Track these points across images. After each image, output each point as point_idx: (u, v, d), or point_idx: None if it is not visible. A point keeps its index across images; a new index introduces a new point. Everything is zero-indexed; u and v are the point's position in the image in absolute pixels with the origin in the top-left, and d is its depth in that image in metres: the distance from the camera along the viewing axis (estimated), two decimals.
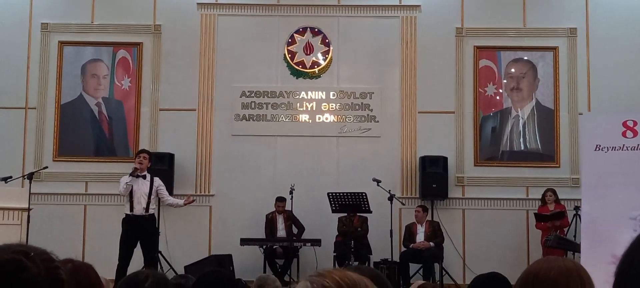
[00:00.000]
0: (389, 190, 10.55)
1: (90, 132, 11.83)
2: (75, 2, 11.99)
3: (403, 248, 11.00)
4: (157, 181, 9.75)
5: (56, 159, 11.66)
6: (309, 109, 11.83)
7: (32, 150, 11.71)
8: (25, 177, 9.88)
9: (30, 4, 11.89)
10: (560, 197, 10.99)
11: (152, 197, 9.62)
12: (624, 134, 7.86)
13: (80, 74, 11.85)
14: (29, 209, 9.21)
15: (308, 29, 11.96)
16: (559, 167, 11.65)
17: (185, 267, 10.56)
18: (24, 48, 11.85)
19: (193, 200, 10.15)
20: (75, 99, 11.83)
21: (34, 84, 11.80)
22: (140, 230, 9.53)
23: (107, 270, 9.28)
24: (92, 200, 11.63)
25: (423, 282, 5.73)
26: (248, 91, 11.81)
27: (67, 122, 11.77)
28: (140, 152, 9.96)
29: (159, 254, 10.89)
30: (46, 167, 11.00)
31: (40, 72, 11.80)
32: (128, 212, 9.55)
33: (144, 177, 9.64)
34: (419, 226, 10.95)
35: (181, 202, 10.00)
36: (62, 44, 11.86)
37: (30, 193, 9.46)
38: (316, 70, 11.90)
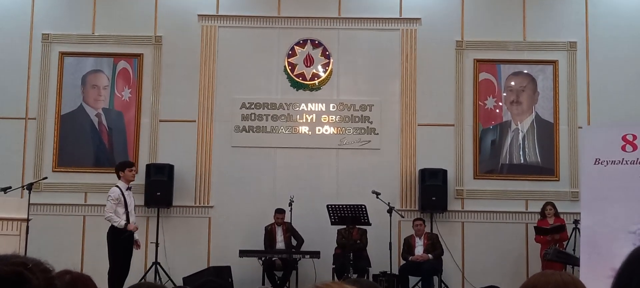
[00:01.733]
0: (389, 203, 10.55)
1: (90, 142, 11.83)
2: (77, 13, 12.01)
3: (402, 261, 10.99)
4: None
5: (56, 170, 11.65)
6: (309, 120, 11.83)
7: (31, 161, 11.70)
8: (25, 187, 9.87)
9: (32, 15, 11.92)
10: (559, 210, 10.98)
11: None
12: (623, 148, 7.88)
13: (81, 84, 11.86)
14: (28, 220, 9.19)
15: (308, 41, 11.99)
16: (558, 180, 11.65)
17: (184, 279, 10.56)
18: (24, 58, 11.87)
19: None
20: (75, 109, 11.83)
21: (34, 95, 11.81)
22: (131, 244, 9.54)
23: (105, 281, 9.30)
24: (92, 211, 11.60)
25: None
26: (248, 103, 11.82)
27: (67, 133, 11.77)
28: (133, 164, 9.99)
29: (158, 265, 10.90)
30: (46, 178, 11.00)
31: (40, 83, 11.81)
32: (124, 229, 9.45)
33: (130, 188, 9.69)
34: (417, 239, 10.94)
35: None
36: (63, 54, 11.87)
37: (29, 204, 9.44)
38: (316, 82, 11.91)
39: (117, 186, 9.57)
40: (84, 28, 11.94)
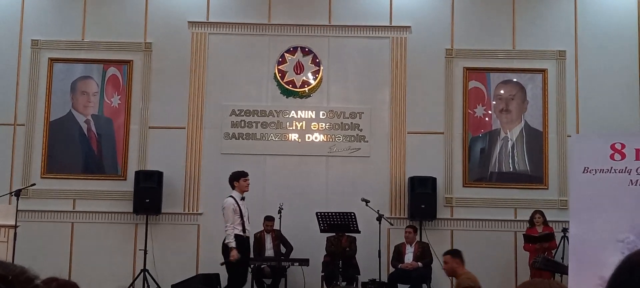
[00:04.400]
0: (378, 210, 10.54)
1: (79, 149, 11.78)
2: (66, 19, 11.97)
3: (391, 269, 10.98)
4: None
5: (44, 176, 11.60)
6: (299, 128, 11.83)
7: (20, 167, 11.64)
8: (13, 193, 9.84)
9: (21, 21, 11.88)
10: (548, 218, 11.01)
11: None
12: (612, 157, 7.90)
13: (70, 91, 11.81)
14: (15, 226, 9.16)
15: (298, 48, 11.99)
16: (547, 188, 11.68)
17: (172, 286, 10.53)
18: (13, 64, 11.82)
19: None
20: (64, 115, 11.78)
21: (23, 101, 11.76)
22: (248, 251, 9.56)
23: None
24: (80, 217, 11.57)
25: None
26: (238, 110, 11.81)
27: (55, 139, 11.72)
28: (247, 174, 9.89)
29: (147, 272, 10.86)
30: (34, 184, 10.96)
31: (29, 89, 11.76)
32: (240, 233, 9.47)
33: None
34: (408, 246, 10.94)
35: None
36: (52, 60, 11.83)
37: (17, 210, 9.42)
38: (306, 89, 11.91)
39: (231, 196, 9.56)
40: (74, 34, 11.91)
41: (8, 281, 1.53)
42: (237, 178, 9.73)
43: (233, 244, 9.36)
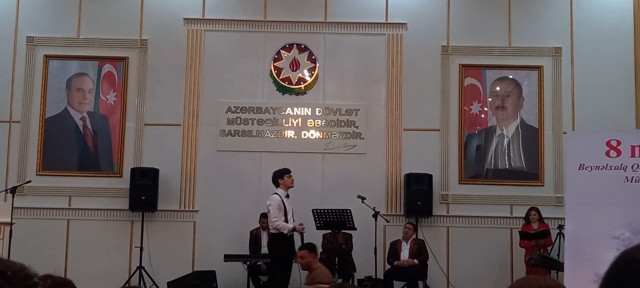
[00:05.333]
0: (374, 207, 10.54)
1: (75, 146, 11.76)
2: (62, 15, 11.95)
3: (387, 266, 10.99)
4: None
5: (40, 173, 11.58)
6: (295, 125, 11.83)
7: (15, 164, 11.62)
8: (8, 191, 9.82)
9: (16, 17, 11.85)
10: (544, 215, 11.02)
11: None
12: (607, 154, 7.92)
13: (66, 87, 11.79)
14: (11, 223, 9.16)
15: (294, 45, 11.99)
16: (543, 185, 11.69)
17: (168, 283, 10.52)
18: (9, 61, 11.79)
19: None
20: (60, 112, 11.76)
21: (18, 98, 11.74)
22: (293, 249, 9.53)
23: (86, 285, 9.25)
24: (76, 215, 11.55)
25: None
26: (234, 107, 11.80)
27: (51, 136, 11.70)
28: (290, 170, 9.86)
29: (142, 269, 10.86)
30: (29, 181, 10.95)
31: (25, 86, 11.74)
32: (292, 232, 9.45)
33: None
34: (404, 243, 10.95)
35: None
36: (48, 57, 11.80)
37: (12, 208, 9.41)
38: (302, 86, 11.91)
39: (276, 193, 9.54)
40: (69, 31, 11.88)
41: (6, 277, 1.53)
42: (281, 176, 9.72)
43: (290, 226, 9.36)
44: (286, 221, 9.45)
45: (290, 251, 9.44)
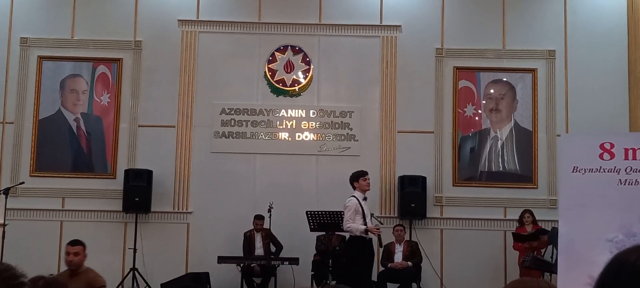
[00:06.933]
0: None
1: (68, 147, 11.74)
2: (56, 16, 11.92)
3: (381, 268, 10.99)
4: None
5: (33, 174, 11.56)
6: (289, 127, 11.83)
7: (9, 165, 11.60)
8: (2, 192, 9.78)
9: (10, 18, 11.83)
10: (537, 218, 11.04)
11: None
12: (601, 156, 7.92)
13: (59, 89, 11.77)
14: (4, 225, 9.13)
15: (289, 47, 11.98)
16: (536, 188, 11.71)
17: (162, 285, 10.51)
18: (2, 62, 11.76)
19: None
20: (53, 114, 11.74)
21: (12, 98, 11.71)
22: (372, 253, 9.46)
23: None
24: (69, 216, 11.53)
25: None
26: (228, 108, 11.79)
27: (45, 137, 11.67)
28: (366, 172, 9.69)
29: (136, 271, 10.83)
30: (23, 182, 10.91)
31: (18, 87, 11.71)
32: (363, 235, 9.28)
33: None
34: (397, 245, 10.95)
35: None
36: (42, 58, 11.78)
37: (5, 209, 9.38)
38: (296, 88, 11.91)
39: (353, 196, 9.43)
40: (63, 32, 11.86)
41: None
42: (357, 178, 9.60)
43: (362, 227, 9.19)
44: (364, 223, 9.32)
45: (368, 253, 9.36)
